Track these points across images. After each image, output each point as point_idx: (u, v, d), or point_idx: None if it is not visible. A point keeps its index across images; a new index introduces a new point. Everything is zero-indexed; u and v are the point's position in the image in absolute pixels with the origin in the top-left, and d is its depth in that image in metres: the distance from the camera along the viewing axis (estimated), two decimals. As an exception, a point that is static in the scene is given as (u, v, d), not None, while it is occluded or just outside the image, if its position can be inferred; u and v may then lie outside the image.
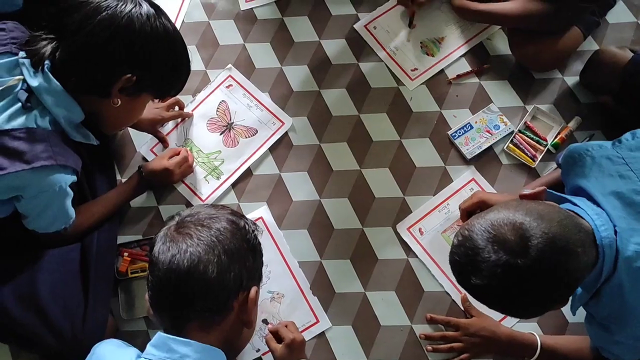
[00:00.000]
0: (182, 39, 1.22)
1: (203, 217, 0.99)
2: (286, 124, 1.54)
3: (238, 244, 0.97)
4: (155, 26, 1.14)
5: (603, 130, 1.47)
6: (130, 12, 1.12)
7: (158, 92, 1.26)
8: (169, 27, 1.18)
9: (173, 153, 1.47)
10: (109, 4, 1.11)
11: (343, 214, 1.46)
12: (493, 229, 0.91)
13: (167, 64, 1.20)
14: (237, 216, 1.03)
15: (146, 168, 1.43)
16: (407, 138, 1.51)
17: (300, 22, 1.66)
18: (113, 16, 1.10)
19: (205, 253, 0.93)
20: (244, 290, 0.98)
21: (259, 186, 1.50)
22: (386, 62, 1.59)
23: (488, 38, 1.59)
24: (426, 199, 1.45)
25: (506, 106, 1.52)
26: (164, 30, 1.16)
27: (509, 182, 1.45)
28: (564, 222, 0.93)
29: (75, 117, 1.17)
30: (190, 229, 0.96)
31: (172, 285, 0.93)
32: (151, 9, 1.15)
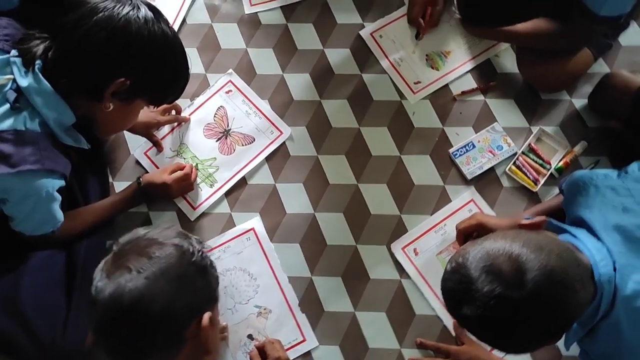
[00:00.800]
0: (182, 46, 1.19)
1: (143, 245, 0.92)
2: (284, 134, 1.51)
3: (184, 269, 0.91)
4: (152, 30, 1.11)
5: (609, 157, 1.42)
6: (127, 14, 1.08)
7: (153, 98, 1.22)
8: (167, 32, 1.14)
9: (177, 168, 1.43)
10: (106, 5, 1.08)
11: (337, 230, 1.42)
12: (488, 258, 0.88)
13: (164, 70, 1.16)
14: (181, 237, 0.96)
15: (145, 179, 1.39)
16: (407, 154, 1.47)
17: (305, 29, 1.62)
18: (110, 17, 1.07)
19: (146, 286, 0.86)
20: (197, 318, 0.93)
21: (252, 196, 1.46)
22: (389, 73, 1.55)
23: (496, 55, 1.54)
24: (423, 218, 1.41)
25: (511, 126, 1.47)
26: (162, 35, 1.12)
27: (510, 205, 1.40)
28: (563, 256, 0.89)
29: (65, 120, 1.14)
30: (129, 260, 0.89)
31: (114, 325, 0.88)
32: (150, 12, 1.12)
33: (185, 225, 1.44)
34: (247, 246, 1.42)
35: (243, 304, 1.37)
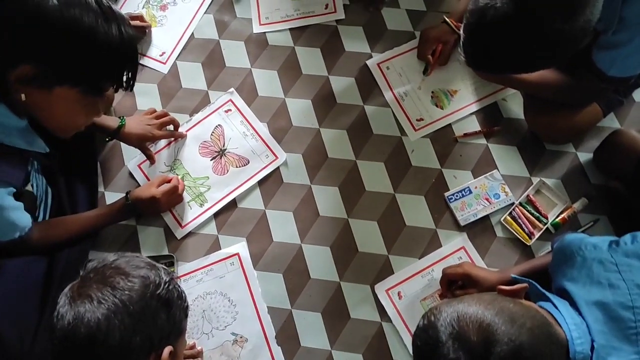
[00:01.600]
0: (113, 16, 1.00)
1: (108, 273, 0.91)
2: (279, 159, 1.49)
3: (146, 302, 0.90)
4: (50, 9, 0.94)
5: (610, 217, 1.37)
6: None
7: (79, 85, 1.03)
8: (77, 15, 0.96)
9: (162, 180, 1.41)
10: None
11: (322, 264, 1.39)
12: (458, 323, 0.85)
13: (83, 50, 0.98)
14: (149, 268, 0.94)
15: (133, 194, 1.37)
16: (402, 193, 1.44)
17: (312, 54, 1.60)
18: None
19: (105, 318, 0.86)
20: (156, 352, 0.91)
21: (241, 220, 1.44)
22: (392, 106, 1.52)
23: (503, 99, 1.50)
24: (411, 261, 1.38)
25: (511, 174, 1.43)
26: (67, 14, 0.95)
27: (501, 256, 1.36)
28: (536, 332, 0.85)
29: (8, 122, 1.05)
30: (92, 288, 0.89)
31: (69, 355, 0.87)
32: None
33: (171, 243, 1.43)
34: (230, 271, 1.40)
35: (220, 330, 1.35)
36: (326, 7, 1.64)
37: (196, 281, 1.39)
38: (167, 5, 1.68)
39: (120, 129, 1.41)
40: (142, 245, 1.43)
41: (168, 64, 1.61)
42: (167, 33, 1.64)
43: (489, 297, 0.91)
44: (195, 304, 1.37)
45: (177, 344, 0.97)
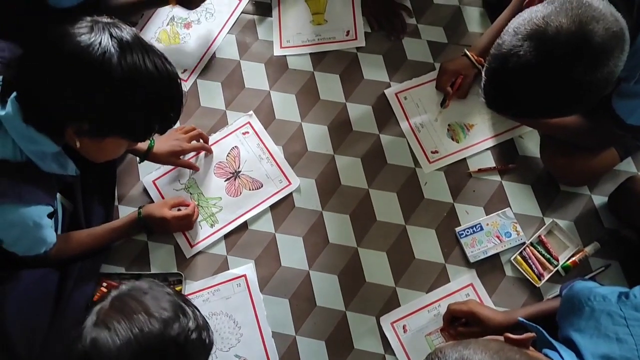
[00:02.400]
0: (165, 78, 1.04)
1: (134, 307, 0.91)
2: (293, 185, 1.49)
3: (163, 346, 0.90)
4: (115, 67, 0.97)
5: (622, 263, 1.36)
6: (93, 49, 0.96)
7: (129, 137, 1.11)
8: (139, 65, 0.99)
9: (178, 203, 1.43)
10: (81, 40, 0.96)
11: (329, 292, 1.39)
12: None
13: (131, 110, 1.03)
14: (175, 311, 0.93)
15: (146, 210, 1.39)
16: (413, 225, 1.44)
17: (331, 80, 1.61)
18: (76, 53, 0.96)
19: (117, 349, 0.87)
20: None
21: (251, 242, 1.45)
22: (408, 137, 1.52)
23: (520, 136, 1.50)
24: (418, 295, 1.37)
25: (523, 213, 1.42)
26: (128, 70, 0.98)
27: (509, 296, 1.35)
28: None
29: (46, 149, 1.08)
30: (113, 318, 0.89)
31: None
32: (114, 47, 0.97)
33: (180, 261, 1.44)
34: (237, 292, 1.41)
35: (224, 351, 1.36)
36: (347, 34, 1.65)
37: (202, 301, 1.40)
38: (192, 23, 1.70)
39: (150, 149, 1.42)
40: (152, 262, 1.45)
41: (189, 82, 1.63)
42: (189, 51, 1.66)
43: (495, 345, 0.90)
44: (201, 324, 1.38)
45: None
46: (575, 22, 0.95)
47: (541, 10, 0.99)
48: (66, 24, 0.98)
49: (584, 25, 0.94)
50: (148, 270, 1.43)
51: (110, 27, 0.98)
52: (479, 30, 1.63)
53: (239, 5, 1.71)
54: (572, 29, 0.94)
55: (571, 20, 0.95)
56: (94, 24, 0.98)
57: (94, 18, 1.00)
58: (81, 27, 0.97)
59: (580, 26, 0.94)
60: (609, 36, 0.95)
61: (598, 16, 0.96)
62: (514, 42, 0.98)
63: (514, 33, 1.00)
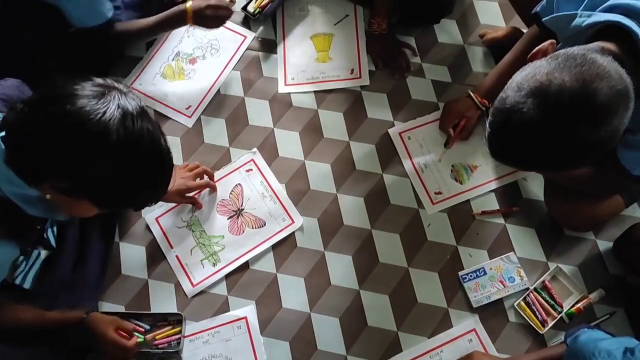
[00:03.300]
0: (160, 160, 1.01)
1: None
2: (296, 223, 1.49)
3: None
4: (111, 139, 0.93)
5: (627, 310, 1.34)
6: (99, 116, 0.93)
7: (104, 206, 1.05)
8: (135, 142, 0.95)
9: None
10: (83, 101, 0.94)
11: (330, 335, 1.38)
12: None
13: (120, 183, 0.98)
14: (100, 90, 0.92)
15: (92, 318, 1.28)
16: (416, 267, 1.43)
17: (334, 118, 1.61)
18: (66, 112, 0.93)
19: None
20: None
21: (252, 282, 1.44)
22: (411, 177, 1.52)
23: (524, 178, 1.49)
24: (420, 340, 1.36)
25: (527, 257, 1.41)
26: (124, 144, 0.94)
27: (512, 342, 1.34)
28: None
29: (29, 193, 1.04)
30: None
31: None
32: (118, 118, 0.94)
33: (180, 300, 1.43)
34: (237, 335, 1.39)
35: (223, 394, 1.35)
36: (352, 72, 1.65)
37: (202, 342, 1.39)
38: (197, 59, 1.71)
39: None
40: (151, 301, 1.44)
41: (193, 118, 1.63)
42: (194, 87, 1.67)
43: None
44: (200, 366, 1.37)
45: None
46: (579, 80, 0.93)
47: (545, 66, 0.98)
48: (78, 81, 0.96)
49: (588, 84, 0.93)
50: (148, 309, 1.43)
51: (120, 96, 0.96)
52: (483, 70, 1.63)
53: (244, 42, 1.72)
54: (575, 87, 0.93)
55: (575, 78, 0.94)
56: (106, 90, 0.96)
57: (107, 82, 0.98)
58: (92, 90, 0.95)
59: (584, 84, 0.93)
60: (614, 94, 0.94)
61: (602, 74, 0.94)
62: (517, 98, 0.97)
63: (517, 89, 0.99)
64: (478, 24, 1.70)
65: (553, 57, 0.99)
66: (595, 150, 0.99)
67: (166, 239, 1.49)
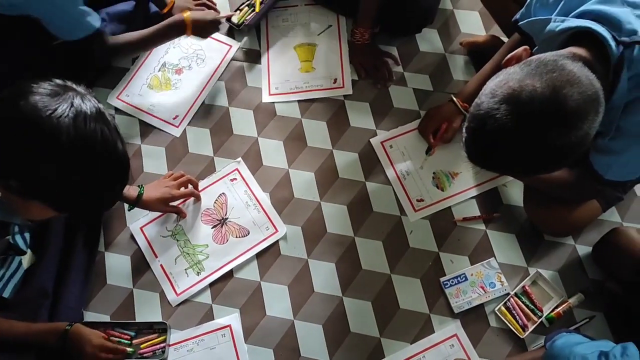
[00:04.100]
0: (117, 162, 0.98)
1: None
2: (279, 232, 1.50)
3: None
4: (62, 138, 0.91)
5: (606, 314, 1.36)
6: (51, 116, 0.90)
7: (57, 209, 1.00)
8: (88, 142, 0.93)
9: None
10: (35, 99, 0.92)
11: (313, 342, 1.39)
12: None
13: (72, 185, 0.95)
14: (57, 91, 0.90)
15: (76, 330, 1.29)
16: (398, 274, 1.44)
17: (318, 127, 1.63)
18: (28, 112, 0.90)
19: None
20: None
21: (236, 290, 1.45)
22: (394, 185, 1.53)
23: (504, 185, 1.51)
24: (402, 346, 1.37)
25: (508, 263, 1.43)
26: (75, 145, 0.91)
27: (493, 347, 1.35)
28: None
29: None
30: None
31: None
32: (70, 117, 0.91)
33: (165, 309, 1.44)
34: (221, 343, 1.40)
35: (207, 403, 1.35)
36: (335, 82, 1.67)
37: (187, 350, 1.40)
38: (183, 69, 1.73)
39: (140, 197, 1.43)
40: (136, 309, 1.44)
41: (181, 128, 1.65)
42: (181, 96, 1.69)
43: None
44: (185, 374, 1.38)
45: None
46: (549, 86, 0.95)
47: (517, 72, 1.00)
48: (36, 80, 0.94)
49: (558, 90, 0.95)
50: (133, 318, 1.43)
51: (75, 96, 0.94)
52: (464, 79, 1.65)
53: (230, 51, 1.75)
54: (546, 93, 0.95)
55: (545, 84, 0.96)
56: (62, 90, 0.94)
57: (65, 84, 0.96)
58: (47, 88, 0.93)
59: (554, 91, 0.95)
60: (584, 100, 0.96)
61: (573, 80, 0.96)
62: (490, 105, 0.99)
63: (491, 95, 1.01)
64: (459, 32, 1.72)
65: (526, 63, 1.01)
66: (567, 155, 1.01)
67: (151, 249, 1.50)
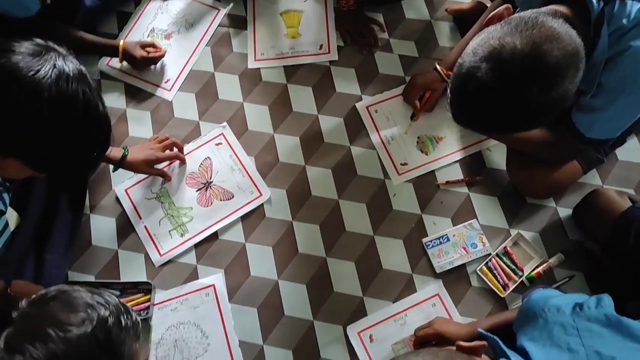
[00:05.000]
0: (96, 117, 0.97)
1: (41, 324, 0.82)
2: (264, 196, 1.51)
3: (86, 352, 0.82)
4: (42, 94, 0.90)
5: (585, 274, 1.38)
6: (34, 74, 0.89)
7: (34, 168, 1.00)
8: (69, 99, 0.92)
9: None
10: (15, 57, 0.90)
11: (297, 301, 1.40)
12: None
13: (52, 142, 0.95)
14: (86, 308, 0.85)
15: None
16: (381, 235, 1.45)
17: (303, 92, 1.63)
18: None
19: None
20: None
21: (221, 251, 1.46)
22: (378, 149, 1.54)
23: (488, 148, 1.52)
24: (385, 304, 1.38)
25: (489, 225, 1.44)
26: (56, 100, 0.91)
27: (474, 305, 1.37)
28: None
29: None
30: (24, 341, 0.80)
31: None
32: (51, 75, 0.91)
33: (150, 270, 1.45)
34: (205, 302, 1.41)
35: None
36: (320, 48, 1.68)
37: (171, 310, 1.41)
38: (172, 34, 1.73)
39: (124, 158, 1.43)
40: (121, 270, 1.45)
41: (173, 91, 1.65)
42: (170, 61, 1.68)
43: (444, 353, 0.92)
44: (168, 333, 1.38)
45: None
46: (529, 42, 0.96)
47: (498, 30, 1.00)
48: (16, 39, 0.94)
49: (538, 46, 0.96)
50: (118, 279, 1.44)
51: (58, 57, 0.93)
52: (449, 45, 1.66)
53: (217, 18, 1.74)
54: (526, 50, 0.96)
55: (525, 41, 0.96)
56: (44, 50, 0.93)
57: (47, 44, 0.95)
58: (29, 48, 0.92)
59: (534, 47, 0.96)
60: (564, 56, 0.97)
61: (552, 36, 0.97)
62: (472, 63, 1.00)
63: (472, 54, 1.01)
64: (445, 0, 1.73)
65: (507, 21, 1.02)
66: (548, 111, 1.02)
67: (135, 211, 1.51)
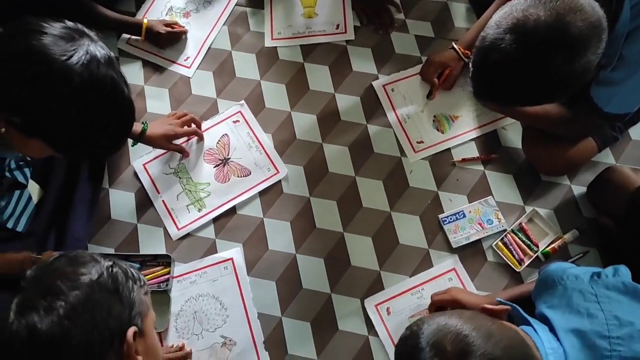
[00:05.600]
0: (123, 108, 1.01)
1: (50, 280, 0.87)
2: (280, 173, 1.52)
3: (95, 298, 0.87)
4: (73, 79, 0.92)
5: (599, 250, 1.40)
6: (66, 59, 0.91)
7: (57, 149, 1.03)
8: (98, 85, 0.95)
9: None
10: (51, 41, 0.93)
11: (315, 274, 1.42)
12: (439, 333, 0.87)
13: (76, 126, 0.97)
14: (89, 262, 0.90)
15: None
16: (398, 212, 1.47)
17: (320, 71, 1.64)
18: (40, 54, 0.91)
19: (58, 324, 0.83)
20: (119, 337, 0.89)
21: (239, 226, 1.48)
22: (394, 127, 1.56)
23: (503, 127, 1.54)
24: (401, 279, 1.40)
25: (505, 202, 1.46)
26: (85, 87, 0.93)
27: (490, 280, 1.39)
28: (511, 352, 0.88)
29: None
30: (36, 300, 0.85)
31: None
32: (83, 61, 0.93)
33: (168, 243, 1.47)
34: (224, 275, 1.43)
35: (210, 332, 1.38)
36: (337, 27, 1.69)
37: (190, 283, 1.43)
38: (190, 12, 1.74)
39: (143, 132, 1.44)
40: (140, 244, 1.47)
41: (192, 68, 1.66)
42: (189, 39, 1.70)
43: (470, 313, 0.94)
44: (188, 305, 1.40)
45: (144, 322, 0.94)
46: (552, 14, 0.99)
47: (522, 3, 1.03)
48: (45, 19, 0.95)
49: (562, 17, 0.98)
50: (137, 252, 1.46)
51: (90, 43, 0.96)
52: (465, 26, 1.67)
53: (236, -9, 1.75)
54: (549, 21, 0.99)
55: (549, 12, 0.99)
56: (77, 34, 0.95)
57: (78, 27, 0.97)
58: (62, 31, 0.94)
59: (558, 18, 0.98)
60: (587, 27, 0.99)
61: (575, 7, 1.00)
62: (496, 35, 1.02)
63: (496, 26, 1.04)
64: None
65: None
66: (570, 83, 1.04)
67: (154, 185, 1.52)
